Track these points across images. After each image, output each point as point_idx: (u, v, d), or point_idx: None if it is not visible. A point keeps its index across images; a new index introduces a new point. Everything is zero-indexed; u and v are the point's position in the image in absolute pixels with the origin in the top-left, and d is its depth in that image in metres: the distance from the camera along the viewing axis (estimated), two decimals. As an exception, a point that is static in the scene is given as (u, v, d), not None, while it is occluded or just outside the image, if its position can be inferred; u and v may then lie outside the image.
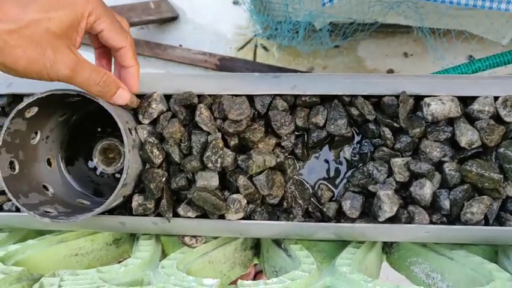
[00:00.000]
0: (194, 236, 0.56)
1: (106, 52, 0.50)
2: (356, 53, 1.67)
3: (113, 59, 0.50)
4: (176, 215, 0.51)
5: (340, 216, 0.52)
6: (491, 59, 1.06)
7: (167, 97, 0.52)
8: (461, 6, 0.89)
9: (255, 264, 0.75)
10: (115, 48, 0.46)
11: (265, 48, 1.73)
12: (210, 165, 0.48)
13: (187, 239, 0.55)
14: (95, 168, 0.61)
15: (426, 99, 0.48)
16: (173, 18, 1.70)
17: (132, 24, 1.64)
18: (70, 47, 0.41)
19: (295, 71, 1.66)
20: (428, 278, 0.56)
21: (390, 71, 1.64)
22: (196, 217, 0.51)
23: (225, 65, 1.70)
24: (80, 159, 0.60)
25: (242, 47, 1.75)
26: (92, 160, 0.60)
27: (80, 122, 0.59)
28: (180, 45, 1.76)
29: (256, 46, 1.73)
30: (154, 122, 0.51)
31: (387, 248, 0.64)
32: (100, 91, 0.45)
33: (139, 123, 0.52)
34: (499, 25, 1.04)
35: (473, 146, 0.47)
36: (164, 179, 0.50)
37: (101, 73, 0.44)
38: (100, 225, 0.55)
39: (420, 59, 1.62)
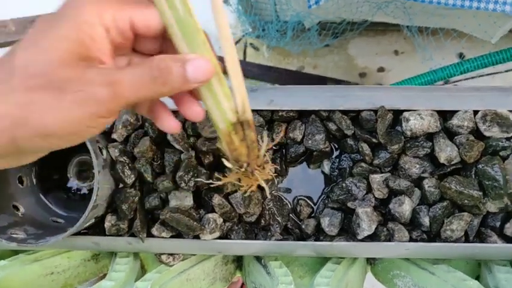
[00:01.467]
0: (171, 254, 0.54)
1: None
2: (347, 52, 1.66)
3: None
4: (150, 234, 0.50)
5: (319, 232, 0.51)
6: (480, 60, 1.05)
7: (140, 113, 0.50)
8: (448, 6, 0.87)
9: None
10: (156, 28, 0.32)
11: (255, 47, 1.71)
12: (182, 185, 0.46)
13: (164, 257, 0.54)
14: (70, 185, 0.59)
15: (405, 114, 0.47)
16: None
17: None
18: (88, 67, 0.29)
19: (286, 70, 1.64)
20: (411, 292, 0.55)
21: (381, 69, 1.63)
22: (171, 237, 0.49)
23: (215, 64, 1.68)
24: (54, 176, 0.59)
25: (231, 47, 1.73)
26: (67, 176, 0.58)
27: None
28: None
29: (246, 45, 1.71)
30: (126, 140, 0.50)
31: (371, 259, 0.63)
32: (163, 83, 0.30)
33: (112, 140, 0.50)
34: (487, 25, 1.03)
35: (453, 162, 0.46)
36: (137, 198, 0.48)
37: (149, 62, 0.30)
38: (73, 245, 0.53)
39: (411, 57, 1.61)
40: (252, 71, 1.67)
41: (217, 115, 0.33)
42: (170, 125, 0.37)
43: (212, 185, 0.43)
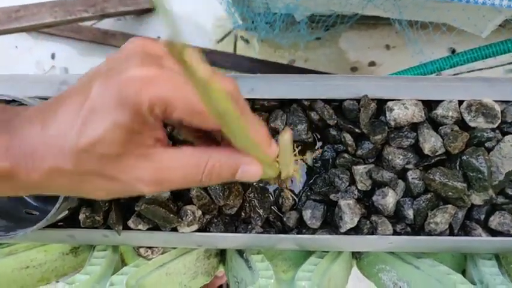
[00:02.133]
0: (150, 247, 0.53)
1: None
2: (338, 45, 1.65)
3: None
4: (127, 227, 0.48)
5: (301, 225, 0.50)
6: (469, 54, 1.04)
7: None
8: (438, 0, 0.86)
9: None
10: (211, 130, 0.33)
11: (245, 40, 1.70)
12: (159, 175, 0.45)
13: (142, 251, 0.52)
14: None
15: (389, 104, 0.46)
16: (151, 9, 1.66)
17: (108, 16, 1.59)
18: (140, 156, 0.29)
19: (276, 64, 1.62)
20: (396, 286, 0.55)
21: (372, 64, 1.62)
22: (148, 229, 0.48)
23: (205, 57, 1.66)
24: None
25: (222, 39, 1.71)
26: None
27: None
28: (158, 37, 1.72)
29: (236, 38, 1.70)
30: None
31: (357, 253, 0.62)
32: (209, 182, 0.31)
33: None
34: (476, 19, 1.02)
35: (437, 153, 0.44)
36: (112, 190, 0.47)
37: (200, 163, 0.30)
38: (47, 238, 0.52)
39: (402, 51, 1.60)
40: (242, 64, 1.65)
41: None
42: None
43: None
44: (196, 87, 0.24)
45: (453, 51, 1.50)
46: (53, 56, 1.78)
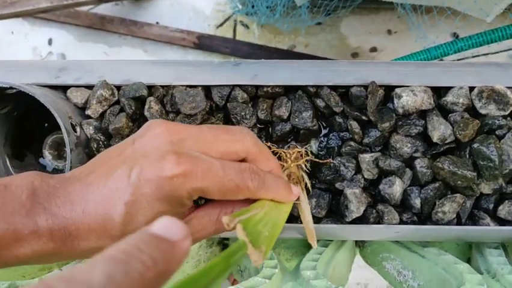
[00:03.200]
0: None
1: None
2: (339, 30, 1.62)
3: None
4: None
5: (306, 215, 0.49)
6: (474, 38, 1.02)
7: (117, 88, 0.47)
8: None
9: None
10: None
11: (245, 25, 1.67)
12: (161, 164, 0.44)
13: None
14: (44, 164, 0.56)
15: (397, 90, 0.44)
16: (149, -6, 1.63)
17: (105, 0, 1.56)
18: None
19: (276, 50, 1.60)
20: (400, 275, 0.54)
21: (374, 49, 1.60)
22: (150, 219, 0.47)
23: (204, 43, 1.64)
24: (29, 155, 0.56)
25: (221, 24, 1.69)
26: (42, 155, 0.55)
27: (27, 114, 0.54)
28: (157, 23, 1.69)
29: (235, 23, 1.67)
30: (102, 117, 0.47)
31: (360, 241, 0.61)
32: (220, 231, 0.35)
33: (87, 117, 0.47)
34: (482, 2, 1.00)
35: (446, 141, 0.43)
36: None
37: (214, 218, 0.35)
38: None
39: (405, 36, 1.58)
40: (242, 50, 1.63)
41: None
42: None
43: None
44: None
45: (456, 36, 1.48)
46: (50, 42, 1.75)
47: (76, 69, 0.48)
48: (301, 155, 0.47)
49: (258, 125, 0.49)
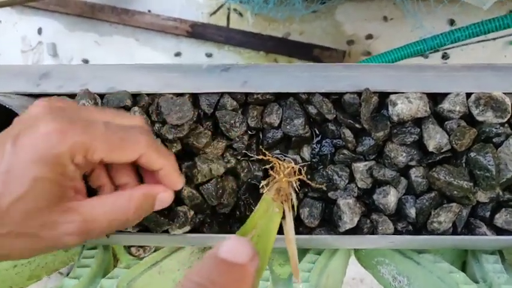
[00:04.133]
0: (141, 246, 0.51)
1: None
2: (334, 18, 1.59)
3: None
4: (116, 228, 0.46)
5: (298, 223, 0.47)
6: (471, 28, 1.00)
7: (101, 97, 0.45)
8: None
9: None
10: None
11: (239, 13, 1.64)
12: (147, 177, 0.42)
13: (133, 250, 0.51)
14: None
15: (392, 97, 0.43)
16: (139, -18, 1.58)
17: (95, -11, 1.52)
18: (64, 211, 0.30)
19: (271, 37, 1.58)
20: (395, 280, 0.53)
21: (369, 36, 1.58)
22: (139, 231, 0.46)
23: (197, 31, 1.60)
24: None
25: (214, 12, 1.65)
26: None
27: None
28: (149, 11, 1.66)
29: (229, 11, 1.64)
30: (85, 126, 0.45)
31: (355, 244, 0.60)
32: (136, 218, 0.34)
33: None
34: (480, -9, 0.98)
35: (442, 151, 0.42)
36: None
37: (124, 207, 0.33)
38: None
39: (401, 23, 1.55)
40: (236, 38, 1.60)
41: None
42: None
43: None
44: None
45: (452, 22, 1.46)
46: (39, 31, 1.72)
47: (58, 76, 0.46)
48: (294, 172, 0.45)
49: (249, 132, 0.47)
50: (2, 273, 0.53)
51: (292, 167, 0.45)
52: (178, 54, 1.65)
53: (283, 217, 0.42)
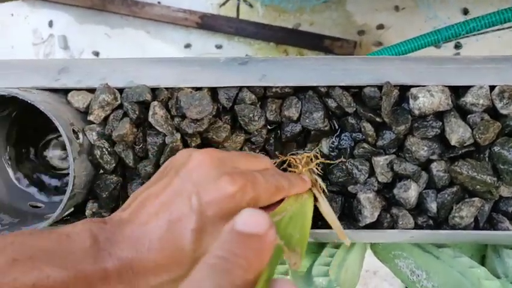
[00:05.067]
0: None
1: None
2: (345, 8, 1.58)
3: None
4: (136, 222, 0.46)
5: (318, 217, 0.47)
6: (487, 18, 0.98)
7: (120, 91, 0.45)
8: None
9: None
10: None
11: (249, 4, 1.63)
12: (167, 171, 0.42)
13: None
14: (51, 164, 0.55)
15: (413, 90, 0.42)
16: (151, -26, 1.58)
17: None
18: None
19: (281, 28, 1.56)
20: (413, 274, 0.53)
21: (381, 27, 1.56)
22: (158, 225, 0.46)
23: (207, 22, 1.60)
24: (32, 157, 0.54)
25: (224, 3, 1.64)
26: (47, 156, 0.54)
27: (27, 113, 0.52)
28: (159, 2, 1.65)
29: (239, 2, 1.63)
30: (105, 122, 0.45)
31: (371, 237, 0.60)
32: None
33: (90, 122, 0.45)
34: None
35: (465, 145, 0.41)
36: (119, 185, 0.44)
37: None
38: (54, 233, 0.50)
39: (413, 13, 1.53)
40: (246, 30, 1.59)
41: None
42: None
43: None
44: None
45: (466, 11, 1.43)
46: (50, 24, 1.72)
47: (76, 71, 0.46)
48: (311, 159, 0.45)
49: (268, 126, 0.47)
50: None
51: (307, 156, 0.45)
52: (188, 46, 1.65)
53: (316, 200, 0.43)
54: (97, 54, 1.68)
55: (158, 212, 0.31)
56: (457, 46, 1.43)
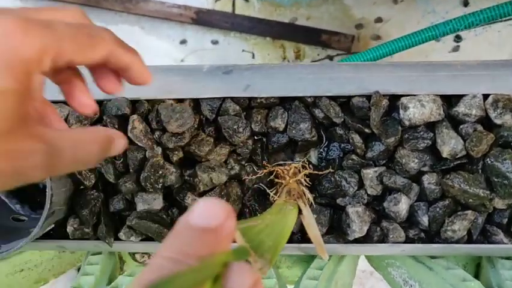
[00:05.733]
0: (146, 253, 0.50)
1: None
2: (342, 1, 1.55)
3: None
4: (119, 238, 0.45)
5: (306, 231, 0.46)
6: (486, 12, 0.96)
7: (99, 104, 0.44)
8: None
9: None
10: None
11: (244, -2, 1.60)
12: (148, 187, 0.41)
13: (138, 257, 0.50)
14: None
15: (404, 100, 0.40)
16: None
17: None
18: (32, 137, 0.24)
19: (278, 23, 1.54)
20: (406, 284, 0.52)
21: (379, 20, 1.53)
22: (142, 240, 0.44)
23: (202, 18, 1.57)
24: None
25: (219, -2, 1.62)
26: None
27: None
28: (156, -3, 1.62)
29: (234, -4, 1.60)
30: (84, 134, 0.43)
31: (365, 244, 0.59)
32: (96, 159, 0.28)
33: (68, 134, 0.44)
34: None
35: (457, 157, 0.40)
36: (99, 202, 0.43)
37: (90, 142, 0.28)
38: (36, 247, 0.49)
39: (410, 6, 1.50)
40: (242, 25, 1.57)
41: None
42: (83, 103, 0.31)
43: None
44: None
45: (466, 3, 1.40)
46: (44, 21, 1.69)
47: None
48: (298, 170, 0.44)
49: (254, 137, 0.45)
50: (8, 279, 0.53)
51: (295, 166, 0.44)
52: (183, 42, 1.62)
53: (300, 212, 0.41)
54: (91, 51, 1.66)
55: None
56: (457, 39, 1.41)
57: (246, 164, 0.46)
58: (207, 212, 0.20)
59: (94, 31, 0.27)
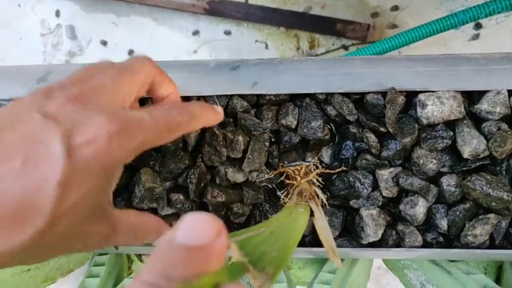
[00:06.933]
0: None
1: None
2: (358, -11, 1.51)
3: None
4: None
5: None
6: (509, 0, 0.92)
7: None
8: None
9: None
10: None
11: (257, -13, 1.57)
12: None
13: (144, 258, 0.48)
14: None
15: (421, 97, 0.38)
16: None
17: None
18: (98, 222, 0.27)
19: (291, 13, 1.51)
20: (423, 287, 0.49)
21: (395, 8, 1.49)
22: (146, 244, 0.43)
23: (215, 8, 1.55)
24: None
25: (232, -13, 1.59)
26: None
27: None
28: (165, -11, 1.61)
29: (247, -14, 1.57)
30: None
31: (380, 244, 0.57)
32: (139, 243, 0.32)
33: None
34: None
35: (479, 157, 0.37)
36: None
37: (143, 231, 0.31)
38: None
39: (429, -8, 1.46)
40: (255, 14, 1.54)
41: None
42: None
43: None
44: None
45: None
46: (57, 14, 1.70)
47: (55, 79, 0.43)
48: (310, 170, 0.42)
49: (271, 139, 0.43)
50: (15, 278, 0.52)
51: (306, 166, 0.42)
52: (196, 33, 1.61)
53: (312, 214, 0.39)
54: (104, 43, 1.65)
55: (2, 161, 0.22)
56: (477, 27, 1.36)
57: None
58: (194, 229, 0.18)
59: (172, 117, 0.29)
